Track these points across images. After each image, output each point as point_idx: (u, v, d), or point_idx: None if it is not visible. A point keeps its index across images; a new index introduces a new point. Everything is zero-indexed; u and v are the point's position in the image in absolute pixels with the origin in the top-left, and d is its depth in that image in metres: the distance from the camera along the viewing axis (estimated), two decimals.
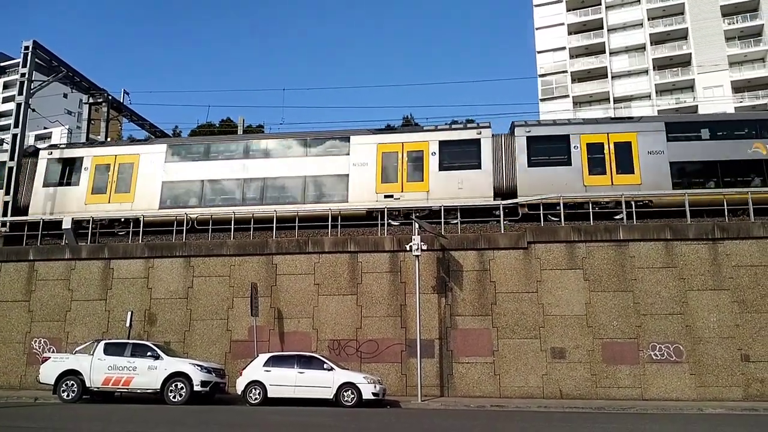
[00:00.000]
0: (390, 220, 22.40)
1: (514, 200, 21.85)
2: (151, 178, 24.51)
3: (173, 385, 16.41)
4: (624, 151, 22.37)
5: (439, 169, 23.03)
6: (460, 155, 23.25)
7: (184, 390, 16.30)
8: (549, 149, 22.77)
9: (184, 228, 22.36)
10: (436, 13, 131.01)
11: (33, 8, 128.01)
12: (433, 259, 19.93)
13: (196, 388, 16.36)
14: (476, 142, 23.18)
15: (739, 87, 54.50)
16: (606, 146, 22.48)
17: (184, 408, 15.51)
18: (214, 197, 24.12)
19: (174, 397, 16.29)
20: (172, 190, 24.38)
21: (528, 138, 22.93)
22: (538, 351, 18.80)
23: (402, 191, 23.00)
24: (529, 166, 22.60)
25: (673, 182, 21.79)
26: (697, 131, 22.48)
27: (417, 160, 23.31)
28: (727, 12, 56.13)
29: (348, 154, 23.76)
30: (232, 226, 22.00)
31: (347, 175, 23.48)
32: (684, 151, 22.16)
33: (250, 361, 17.55)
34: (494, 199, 22.20)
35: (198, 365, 16.82)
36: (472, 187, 22.58)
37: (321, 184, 23.65)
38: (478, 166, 22.87)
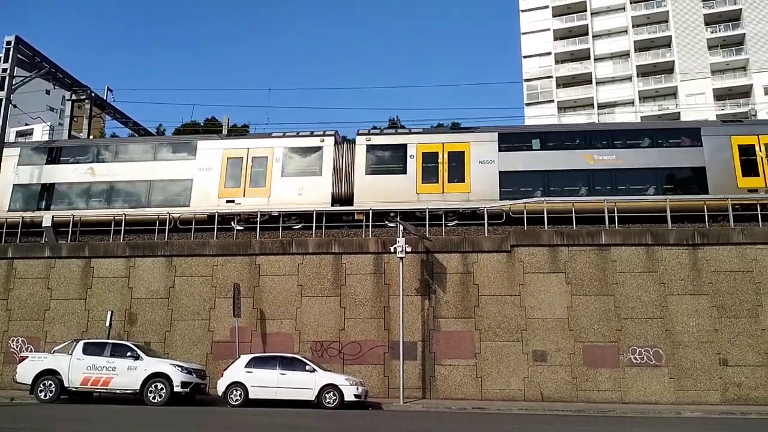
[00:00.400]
0: (236, 226, 22.65)
1: (348, 207, 22.51)
2: (3, 181, 24.97)
3: (153, 385, 16.23)
4: (457, 161, 22.91)
5: (282, 175, 23.53)
6: (302, 162, 23.78)
7: (164, 391, 16.13)
8: (387, 158, 23.42)
9: (167, 227, 22.19)
10: (433, 14, 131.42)
11: (23, 7, 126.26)
12: (417, 261, 19.96)
13: (176, 389, 16.19)
14: (318, 150, 23.66)
15: (720, 95, 55.35)
16: (440, 155, 22.99)
17: (163, 409, 15.37)
18: (62, 200, 24.59)
19: (154, 397, 16.12)
20: (23, 193, 24.90)
21: (367, 146, 23.46)
22: (519, 354, 18.89)
23: (244, 196, 23.41)
24: (367, 174, 23.15)
25: (502, 191, 22.33)
26: (528, 142, 23.04)
27: (261, 166, 23.76)
28: (710, 21, 57.02)
29: (194, 158, 24.18)
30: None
31: (191, 180, 23.89)
32: (515, 161, 22.70)
33: (232, 362, 17.44)
34: (332, 206, 22.75)
35: (178, 366, 16.65)
36: (312, 193, 23.14)
37: (166, 189, 24.13)
38: (319, 173, 23.44)
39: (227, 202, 23.43)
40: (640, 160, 22.58)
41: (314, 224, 21.57)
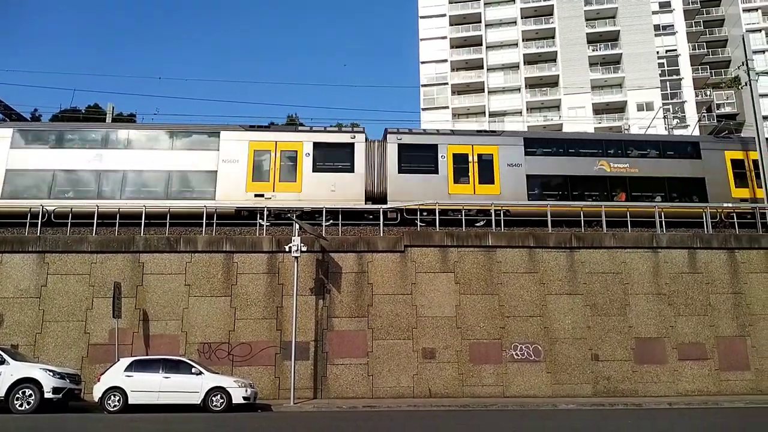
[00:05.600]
0: None
1: None
2: None
3: (20, 392, 15.01)
4: None
5: None
6: None
7: (33, 397, 14.97)
8: None
9: (39, 220, 20.52)
10: (343, 12, 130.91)
11: None
12: (313, 260, 19.83)
13: (47, 395, 15.09)
14: None
15: (598, 109, 59.72)
16: None
17: (32, 417, 14.22)
18: None
19: (21, 405, 14.90)
20: None
21: None
22: (410, 351, 19.29)
23: None
24: None
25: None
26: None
27: None
28: (592, 39, 61.40)
29: None
30: (95, 221, 20.56)
31: None
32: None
33: (110, 366, 16.44)
34: None
35: (50, 370, 15.50)
36: None
37: None
38: None
39: None
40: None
41: None
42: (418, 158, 23.82)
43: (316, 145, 23.50)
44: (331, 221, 21.68)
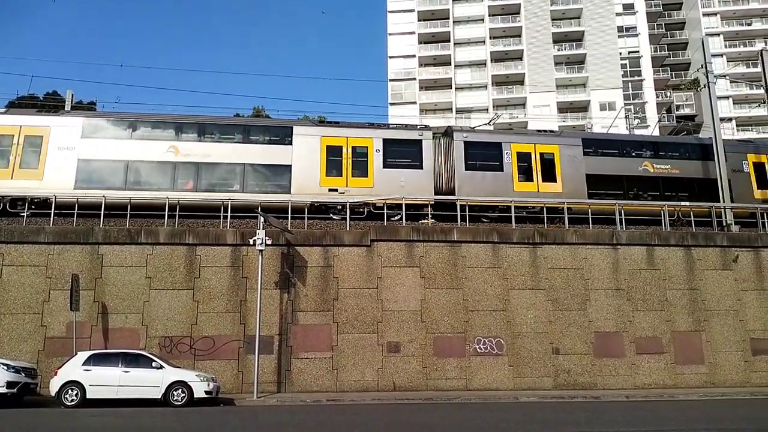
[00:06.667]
0: None
1: None
2: None
3: None
4: None
5: None
6: None
7: None
8: None
9: None
10: (308, 8, 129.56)
11: None
12: (278, 254, 19.67)
13: (1, 389, 14.68)
14: None
15: (562, 108, 60.72)
16: None
17: None
18: None
19: None
20: None
21: None
22: (375, 345, 19.33)
23: None
24: None
25: None
26: None
27: None
28: (558, 39, 62.34)
29: None
30: (52, 212, 19.97)
31: None
32: None
33: (67, 360, 16.04)
34: None
35: (4, 364, 15.08)
36: None
37: None
38: None
39: None
40: None
41: None
42: None
43: None
44: None
